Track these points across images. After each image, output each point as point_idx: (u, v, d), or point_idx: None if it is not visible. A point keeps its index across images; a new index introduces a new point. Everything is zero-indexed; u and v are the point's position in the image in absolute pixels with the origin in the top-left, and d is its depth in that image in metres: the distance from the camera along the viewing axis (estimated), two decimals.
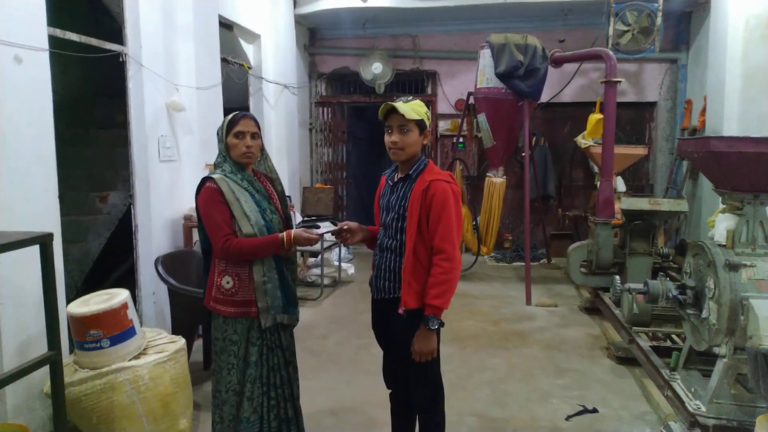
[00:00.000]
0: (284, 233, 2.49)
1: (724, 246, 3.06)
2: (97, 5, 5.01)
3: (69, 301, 3.16)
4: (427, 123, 2.44)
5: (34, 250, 2.49)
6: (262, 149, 2.68)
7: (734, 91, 5.90)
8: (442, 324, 2.41)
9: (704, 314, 3.04)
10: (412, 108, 2.38)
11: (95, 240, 5.08)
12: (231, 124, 2.52)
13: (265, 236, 2.49)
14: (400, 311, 2.41)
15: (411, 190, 2.42)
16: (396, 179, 2.53)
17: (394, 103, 2.38)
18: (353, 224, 2.59)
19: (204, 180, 2.52)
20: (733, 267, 2.90)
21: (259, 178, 2.67)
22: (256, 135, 2.56)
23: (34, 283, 2.89)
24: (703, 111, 6.67)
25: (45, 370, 2.60)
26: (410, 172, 2.46)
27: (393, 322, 2.49)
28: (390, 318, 2.51)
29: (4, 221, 2.86)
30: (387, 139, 2.44)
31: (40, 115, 3.13)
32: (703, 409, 2.97)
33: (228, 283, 2.53)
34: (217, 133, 2.58)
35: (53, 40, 3.29)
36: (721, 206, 3.51)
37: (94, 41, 3.78)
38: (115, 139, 5.14)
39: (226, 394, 2.57)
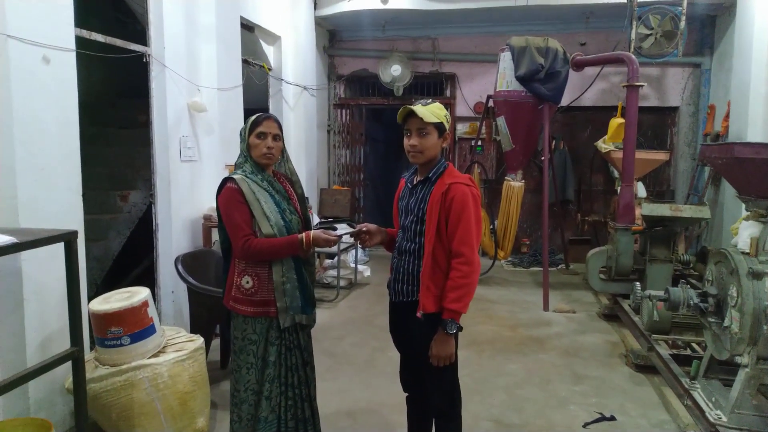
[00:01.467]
0: (303, 234, 2.50)
1: (747, 254, 3.01)
2: (121, 6, 5.09)
3: (89, 298, 3.21)
4: (447, 126, 2.44)
5: (57, 248, 2.54)
6: (283, 151, 2.70)
7: (759, 96, 5.81)
8: (460, 328, 2.40)
9: (726, 323, 2.99)
10: (431, 111, 2.37)
11: (116, 238, 5.15)
12: (254, 125, 2.55)
13: (284, 237, 2.50)
14: (419, 315, 2.41)
15: (430, 193, 2.41)
16: (415, 182, 2.52)
17: (412, 107, 2.38)
18: (372, 226, 2.59)
19: (225, 180, 2.55)
20: (757, 275, 2.85)
21: (279, 179, 2.69)
22: (278, 137, 2.58)
23: (56, 280, 2.95)
24: (727, 116, 6.58)
25: (66, 366, 2.66)
26: (429, 175, 2.45)
27: (411, 325, 2.49)
28: (408, 321, 2.50)
29: (29, 219, 2.91)
30: (406, 142, 2.44)
31: (66, 115, 3.18)
32: (724, 419, 2.92)
33: (247, 282, 2.54)
34: (240, 133, 2.62)
35: (79, 41, 3.34)
36: (745, 213, 3.46)
37: (118, 42, 3.84)
38: (137, 138, 5.20)
39: (245, 393, 2.58)
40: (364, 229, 2.56)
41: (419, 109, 2.36)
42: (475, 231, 2.37)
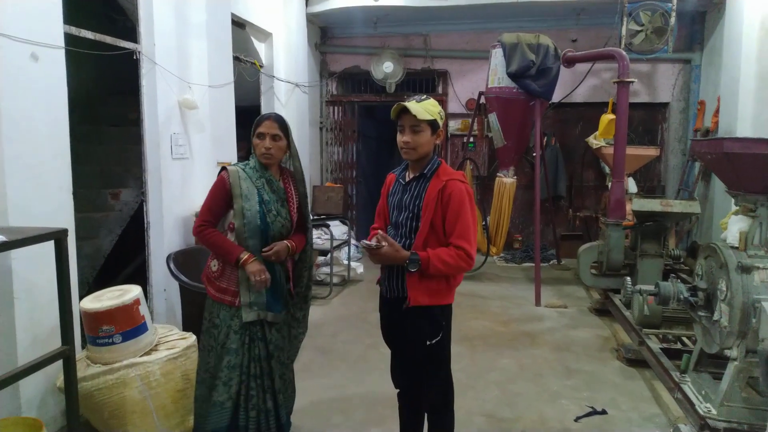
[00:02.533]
0: (246, 255, 2.60)
1: (736, 248, 3.04)
2: (111, 3, 5.05)
3: (81, 297, 3.19)
4: (440, 122, 2.44)
5: (48, 246, 2.52)
6: (290, 148, 2.77)
7: (749, 91, 5.84)
8: (414, 269, 2.35)
9: (716, 316, 3.02)
10: (424, 108, 2.38)
11: (107, 237, 5.13)
12: (255, 126, 2.68)
13: (231, 245, 2.63)
14: (406, 306, 2.42)
15: (426, 190, 2.42)
16: (407, 178, 2.53)
17: (406, 103, 2.38)
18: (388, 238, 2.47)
19: (222, 168, 2.73)
20: (746, 269, 2.88)
21: (284, 177, 2.78)
22: (278, 137, 2.67)
23: (47, 279, 2.93)
24: (717, 112, 6.62)
25: (57, 364, 2.64)
26: (425, 172, 2.47)
27: (406, 320, 2.49)
28: (403, 316, 2.50)
29: (19, 217, 2.89)
30: (399, 138, 2.45)
31: (55, 113, 3.16)
32: (714, 412, 2.95)
33: (215, 266, 2.70)
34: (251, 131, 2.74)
35: (68, 38, 3.32)
36: (734, 208, 3.49)
37: (108, 39, 3.81)
38: (128, 136, 5.18)
39: (205, 374, 2.70)
40: (384, 244, 2.41)
41: (413, 105, 2.36)
42: (473, 227, 2.41)
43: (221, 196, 2.64)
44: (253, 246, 2.65)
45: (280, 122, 2.69)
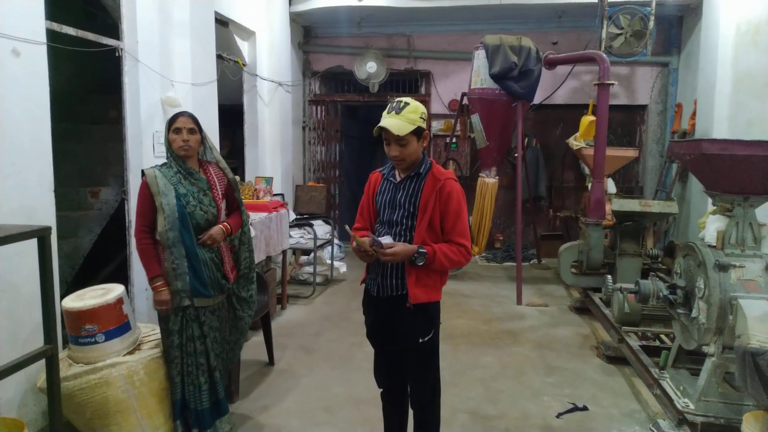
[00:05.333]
0: (159, 282, 2.87)
1: (714, 247, 3.11)
2: (93, 0, 4.99)
3: (60, 297, 3.15)
4: (424, 125, 2.44)
5: (27, 245, 2.49)
6: (205, 141, 3.04)
7: (724, 95, 5.97)
8: (420, 262, 2.41)
9: (694, 314, 3.09)
10: (406, 119, 2.36)
11: (86, 236, 5.05)
12: (170, 123, 2.90)
13: (153, 266, 2.89)
14: (408, 305, 2.45)
15: (422, 188, 2.45)
16: (398, 178, 2.54)
17: (385, 124, 2.36)
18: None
19: (142, 173, 2.95)
20: (723, 267, 2.95)
21: (204, 168, 3.02)
22: (194, 130, 2.91)
23: (27, 278, 2.90)
24: (693, 114, 6.75)
25: (38, 365, 2.61)
26: (420, 171, 2.49)
27: (402, 318, 2.51)
28: (399, 314, 2.52)
29: None
30: (387, 150, 2.45)
31: (37, 109, 3.12)
32: (692, 407, 3.02)
33: None
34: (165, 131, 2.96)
35: (50, 34, 3.27)
36: (712, 208, 3.57)
37: (90, 36, 3.77)
38: (108, 134, 5.11)
39: (165, 355, 3.02)
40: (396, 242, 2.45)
41: (393, 123, 2.35)
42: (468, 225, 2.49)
43: (147, 197, 2.87)
44: (173, 237, 2.85)
45: (194, 118, 2.94)
